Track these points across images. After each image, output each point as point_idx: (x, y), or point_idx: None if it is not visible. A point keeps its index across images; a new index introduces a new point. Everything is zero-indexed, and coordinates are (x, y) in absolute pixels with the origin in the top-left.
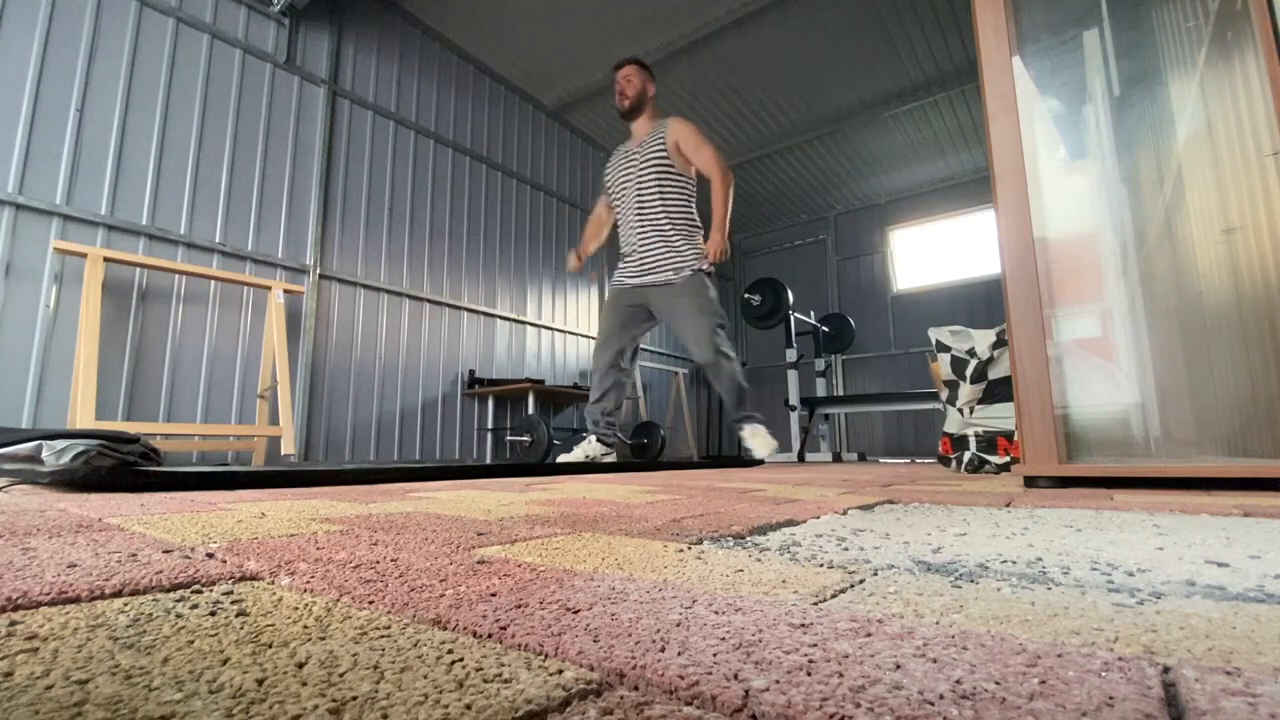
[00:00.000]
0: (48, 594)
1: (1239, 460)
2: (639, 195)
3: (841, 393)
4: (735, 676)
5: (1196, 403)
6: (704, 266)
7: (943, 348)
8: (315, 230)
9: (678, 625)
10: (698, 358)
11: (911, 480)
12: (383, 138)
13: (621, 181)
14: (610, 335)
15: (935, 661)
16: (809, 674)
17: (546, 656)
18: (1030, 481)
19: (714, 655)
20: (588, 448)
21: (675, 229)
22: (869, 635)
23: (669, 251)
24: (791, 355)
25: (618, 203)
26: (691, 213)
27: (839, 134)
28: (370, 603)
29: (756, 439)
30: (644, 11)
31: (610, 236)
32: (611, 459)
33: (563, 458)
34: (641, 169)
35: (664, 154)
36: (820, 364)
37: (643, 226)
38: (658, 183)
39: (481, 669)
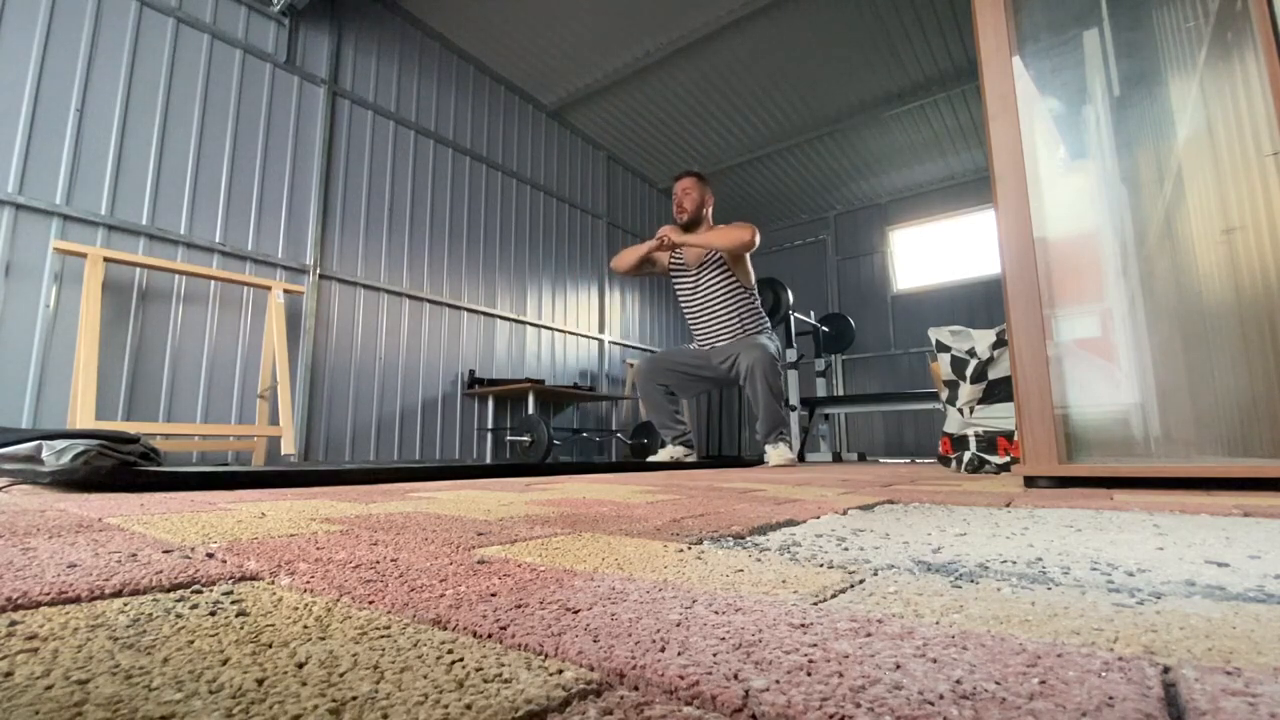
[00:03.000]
0: (48, 594)
1: (1239, 460)
2: (705, 309)
3: (841, 393)
4: (735, 676)
5: (1196, 403)
6: (764, 337)
7: (943, 348)
8: (315, 230)
9: (678, 625)
10: (743, 369)
11: (911, 480)
12: (383, 138)
13: (684, 291)
14: (668, 372)
15: (935, 661)
16: (809, 674)
17: (546, 656)
18: (1030, 481)
19: (714, 655)
20: (672, 450)
21: (744, 329)
22: (869, 635)
23: (734, 341)
24: (791, 355)
25: (682, 303)
26: (756, 310)
27: (839, 134)
28: (370, 603)
29: (776, 453)
30: (644, 11)
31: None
32: (693, 458)
33: (652, 459)
34: (706, 291)
35: (726, 272)
36: (820, 364)
37: (712, 331)
38: (721, 297)
39: (481, 669)
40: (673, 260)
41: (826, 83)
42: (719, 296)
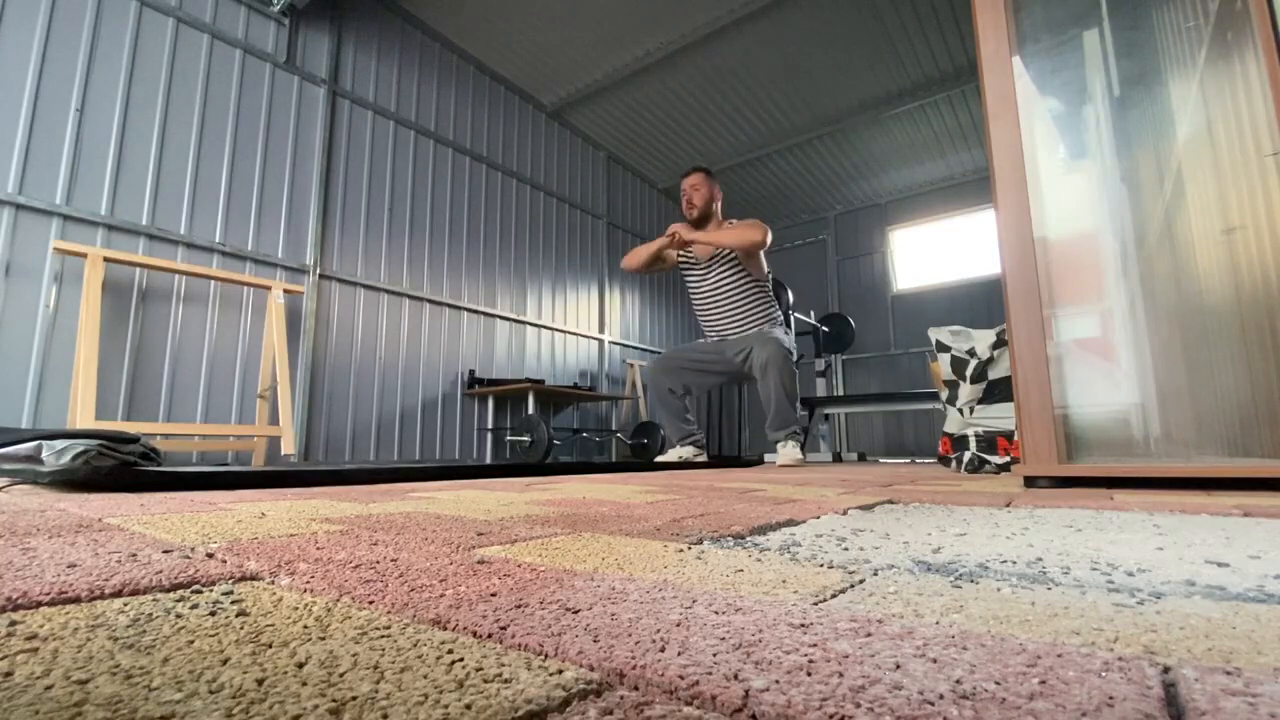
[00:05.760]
0: (48, 594)
1: (1239, 460)
2: (716, 304)
3: (841, 393)
4: (735, 676)
5: (1196, 403)
6: (778, 331)
7: (943, 348)
8: (315, 230)
9: (678, 625)
10: (756, 363)
11: (911, 480)
12: (383, 138)
13: (694, 285)
14: (680, 371)
15: (935, 661)
16: (809, 674)
17: (546, 656)
18: (1030, 481)
19: (714, 655)
20: (680, 450)
21: (756, 321)
22: (869, 635)
23: (747, 335)
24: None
25: (693, 296)
26: (769, 302)
27: (839, 134)
28: (370, 603)
29: (784, 452)
30: (644, 11)
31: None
32: (703, 458)
33: (659, 459)
34: (715, 286)
35: (737, 266)
36: (820, 364)
37: (724, 325)
38: (731, 292)
39: (481, 669)
40: (682, 257)
41: (826, 83)
42: (729, 291)
